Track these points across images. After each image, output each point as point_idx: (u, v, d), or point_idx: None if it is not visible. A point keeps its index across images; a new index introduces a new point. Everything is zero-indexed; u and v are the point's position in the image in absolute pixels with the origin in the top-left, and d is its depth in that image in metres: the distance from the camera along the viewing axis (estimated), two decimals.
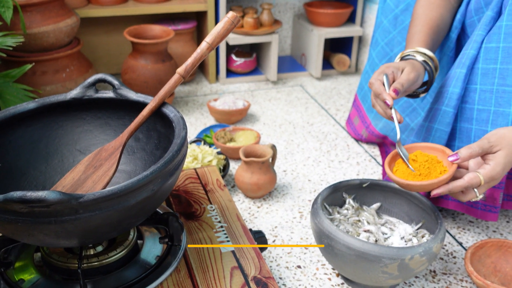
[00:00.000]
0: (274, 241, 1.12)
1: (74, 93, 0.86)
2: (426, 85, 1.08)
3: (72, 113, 0.88)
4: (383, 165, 1.40)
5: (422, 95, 1.09)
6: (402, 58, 1.07)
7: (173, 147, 0.71)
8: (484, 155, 0.89)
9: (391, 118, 0.97)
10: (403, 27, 1.32)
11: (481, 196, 0.89)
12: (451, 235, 1.16)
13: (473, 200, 0.90)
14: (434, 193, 0.89)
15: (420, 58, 1.05)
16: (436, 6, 1.12)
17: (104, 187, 0.75)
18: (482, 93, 1.02)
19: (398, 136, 0.96)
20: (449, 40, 1.17)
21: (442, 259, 1.08)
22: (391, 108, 0.96)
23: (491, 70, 1.01)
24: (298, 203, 1.26)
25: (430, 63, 1.05)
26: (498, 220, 1.17)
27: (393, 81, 0.99)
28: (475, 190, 0.88)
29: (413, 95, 1.09)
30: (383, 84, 0.97)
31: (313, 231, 0.96)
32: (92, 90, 0.87)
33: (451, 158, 0.89)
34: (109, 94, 0.87)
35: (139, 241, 0.84)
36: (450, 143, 1.08)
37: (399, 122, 0.95)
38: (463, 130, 1.05)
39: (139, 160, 0.89)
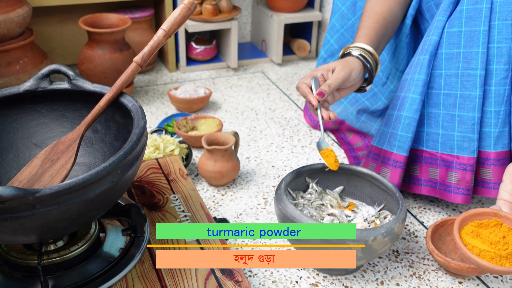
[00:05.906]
0: None
1: (28, 85, 0.83)
2: (369, 79, 1.08)
3: (27, 106, 0.85)
4: (344, 147, 1.41)
5: (367, 88, 1.09)
6: (343, 54, 1.07)
7: (132, 138, 0.70)
8: None
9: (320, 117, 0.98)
10: None
11: None
12: (412, 214, 1.18)
13: None
14: None
15: (356, 52, 1.04)
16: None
17: (63, 181, 0.73)
18: (447, 77, 1.04)
19: (322, 135, 0.98)
20: (404, 26, 1.19)
21: (404, 238, 1.11)
22: (316, 109, 0.97)
23: (455, 55, 1.02)
24: (262, 189, 1.26)
25: (367, 57, 1.04)
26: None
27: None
28: None
29: (359, 89, 1.08)
30: (310, 88, 0.98)
31: (277, 217, 0.97)
32: (46, 81, 0.84)
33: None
34: (65, 85, 0.84)
35: (101, 234, 0.83)
36: (418, 129, 1.09)
37: (330, 119, 0.96)
38: (431, 116, 1.07)
39: (98, 151, 0.87)
